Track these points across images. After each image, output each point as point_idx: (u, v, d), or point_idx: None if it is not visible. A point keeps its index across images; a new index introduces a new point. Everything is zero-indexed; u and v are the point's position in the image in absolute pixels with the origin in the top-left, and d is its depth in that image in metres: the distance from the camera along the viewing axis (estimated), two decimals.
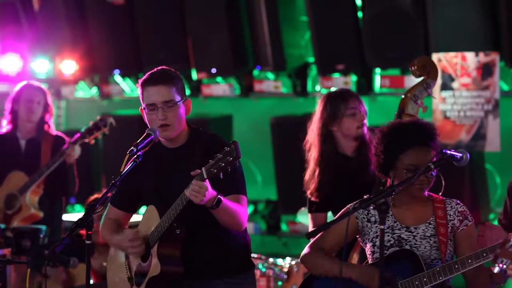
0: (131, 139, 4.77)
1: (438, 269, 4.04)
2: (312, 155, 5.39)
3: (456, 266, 4.02)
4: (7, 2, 9.82)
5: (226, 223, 4.38)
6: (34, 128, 6.99)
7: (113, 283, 4.72)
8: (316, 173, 5.33)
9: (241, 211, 4.38)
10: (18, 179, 6.88)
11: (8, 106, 7.02)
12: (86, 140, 6.79)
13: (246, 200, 4.46)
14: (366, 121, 5.37)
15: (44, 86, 7.18)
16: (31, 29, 9.74)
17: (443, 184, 4.23)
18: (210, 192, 4.18)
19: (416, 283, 4.05)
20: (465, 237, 4.19)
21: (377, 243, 4.22)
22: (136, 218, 5.25)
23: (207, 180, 4.14)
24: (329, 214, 5.52)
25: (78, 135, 6.77)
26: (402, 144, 4.15)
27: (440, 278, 4.02)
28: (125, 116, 9.17)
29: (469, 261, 4.00)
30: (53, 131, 7.05)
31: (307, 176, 5.40)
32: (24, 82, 7.13)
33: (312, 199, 5.36)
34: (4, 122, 7.06)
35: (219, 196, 4.21)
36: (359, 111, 5.32)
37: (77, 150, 6.77)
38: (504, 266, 3.86)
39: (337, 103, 5.35)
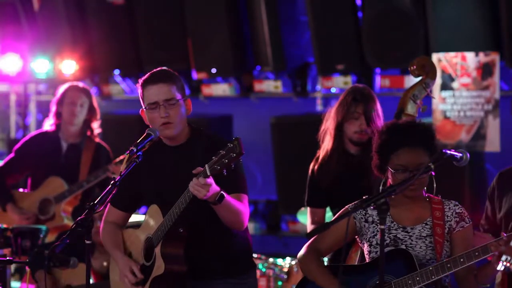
0: (131, 139, 4.77)
1: (431, 268, 4.05)
2: (325, 145, 5.41)
3: (449, 265, 4.03)
4: (7, 2, 9.82)
5: (228, 221, 4.38)
6: (78, 132, 6.89)
7: (116, 283, 4.71)
8: (323, 164, 5.35)
9: (243, 209, 4.38)
10: (56, 186, 6.79)
11: (52, 108, 6.93)
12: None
13: (247, 199, 4.46)
14: (372, 128, 5.35)
15: (89, 88, 7.06)
16: (31, 29, 9.74)
17: (435, 186, 4.24)
18: (214, 187, 4.18)
19: (409, 282, 4.06)
20: (461, 238, 4.19)
21: (374, 243, 4.23)
22: (136, 218, 5.25)
23: (210, 177, 4.14)
24: (329, 214, 5.53)
25: (127, 153, 6.62)
26: (392, 144, 4.16)
27: (433, 277, 4.04)
28: (125, 116, 9.17)
29: (461, 260, 4.01)
30: (96, 137, 6.94)
31: (313, 164, 5.42)
32: (67, 84, 7.01)
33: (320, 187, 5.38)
34: (48, 123, 6.98)
35: (221, 192, 4.21)
36: (362, 118, 5.33)
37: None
38: (508, 264, 3.87)
39: (347, 102, 5.37)
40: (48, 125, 6.95)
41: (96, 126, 6.94)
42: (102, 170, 6.65)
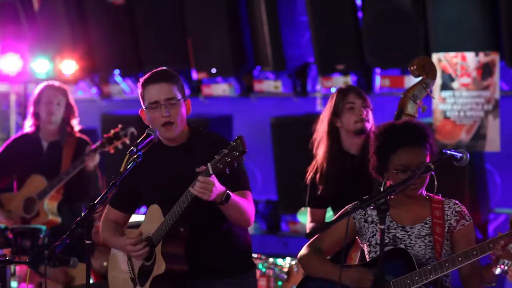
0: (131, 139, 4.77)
1: (429, 267, 4.05)
2: (320, 151, 5.40)
3: (447, 264, 4.03)
4: (7, 2, 9.82)
5: (235, 219, 4.38)
6: (57, 130, 6.94)
7: (115, 283, 4.71)
8: (322, 169, 5.35)
9: (249, 206, 4.39)
10: (38, 183, 6.85)
11: (30, 108, 7.00)
12: (106, 149, 6.70)
13: (251, 196, 4.47)
14: (370, 117, 5.36)
15: (65, 86, 7.12)
16: (31, 29, 9.74)
17: (436, 184, 4.24)
18: (219, 188, 4.18)
19: (408, 281, 4.06)
20: (462, 236, 4.19)
21: (373, 243, 4.23)
22: (136, 218, 5.25)
23: (214, 176, 4.14)
24: (329, 214, 5.53)
25: (99, 142, 6.71)
26: (392, 145, 4.16)
27: (431, 276, 4.04)
28: (125, 116, 9.17)
29: (459, 259, 4.01)
30: (77, 133, 6.99)
31: (311, 169, 5.41)
32: (44, 83, 7.08)
33: (318, 193, 5.37)
34: (27, 124, 7.05)
35: (227, 191, 4.21)
36: (358, 106, 5.33)
37: (96, 158, 6.69)
38: (506, 268, 3.86)
39: (338, 98, 5.38)
40: (28, 126, 7.03)
41: (75, 123, 7.00)
42: (79, 161, 6.73)
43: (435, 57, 7.47)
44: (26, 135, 7.02)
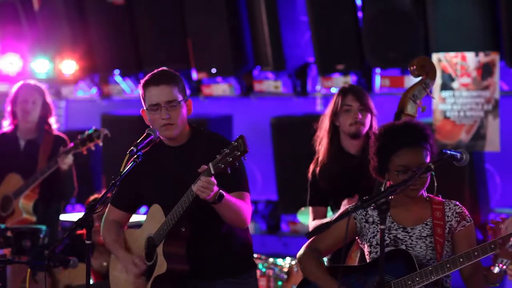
0: (131, 139, 4.77)
1: (430, 268, 4.05)
2: (322, 147, 5.42)
3: (448, 265, 4.03)
4: (7, 2, 9.82)
5: (229, 219, 4.38)
6: (34, 128, 6.98)
7: (117, 283, 4.71)
8: (323, 164, 5.36)
9: (244, 207, 4.39)
10: (14, 182, 6.89)
11: (8, 107, 7.05)
12: (79, 150, 6.73)
13: (249, 197, 4.47)
14: (367, 121, 5.37)
15: (41, 85, 7.16)
16: (31, 29, 9.74)
17: (435, 185, 4.24)
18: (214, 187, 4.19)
19: (409, 282, 4.06)
20: (463, 237, 4.19)
21: (374, 243, 4.23)
22: (136, 218, 5.25)
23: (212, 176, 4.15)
24: (330, 214, 5.53)
25: (71, 145, 6.71)
26: (392, 145, 4.16)
27: (432, 277, 4.04)
28: (125, 116, 9.17)
29: (461, 260, 4.01)
30: (54, 131, 7.03)
31: (313, 165, 5.43)
32: (20, 82, 7.13)
33: (319, 190, 5.38)
34: (6, 123, 7.09)
35: (220, 191, 4.22)
36: (354, 109, 5.35)
37: (69, 159, 6.71)
38: (504, 266, 3.86)
39: (338, 98, 5.41)
40: (6, 125, 7.08)
41: (53, 122, 7.04)
42: (54, 161, 6.76)
43: (435, 57, 7.47)
44: (4, 135, 7.07)
